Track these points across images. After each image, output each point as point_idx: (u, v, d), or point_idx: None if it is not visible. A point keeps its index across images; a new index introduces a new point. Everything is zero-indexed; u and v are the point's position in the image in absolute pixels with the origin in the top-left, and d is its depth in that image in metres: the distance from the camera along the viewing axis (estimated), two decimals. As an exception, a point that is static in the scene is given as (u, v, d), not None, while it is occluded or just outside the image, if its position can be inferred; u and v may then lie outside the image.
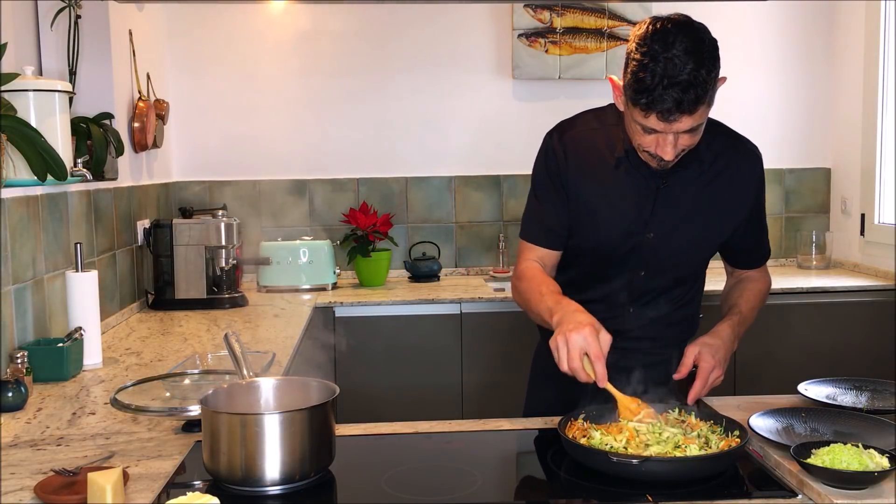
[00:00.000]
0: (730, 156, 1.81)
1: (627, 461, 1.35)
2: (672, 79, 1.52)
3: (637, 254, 1.80)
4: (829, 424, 1.57)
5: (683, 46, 1.54)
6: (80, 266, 2.23)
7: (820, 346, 3.41)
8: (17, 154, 1.93)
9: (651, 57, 1.54)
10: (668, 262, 1.82)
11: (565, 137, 1.83)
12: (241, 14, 3.83)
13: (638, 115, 1.60)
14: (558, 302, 1.68)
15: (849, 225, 3.95)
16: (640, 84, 1.55)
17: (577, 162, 1.80)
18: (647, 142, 1.65)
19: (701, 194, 1.78)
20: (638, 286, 1.84)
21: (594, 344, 1.55)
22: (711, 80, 1.56)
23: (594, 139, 1.80)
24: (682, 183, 1.77)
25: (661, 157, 1.65)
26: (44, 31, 2.50)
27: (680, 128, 1.58)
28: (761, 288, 1.93)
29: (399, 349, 3.38)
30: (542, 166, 1.85)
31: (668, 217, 1.78)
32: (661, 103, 1.54)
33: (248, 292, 3.45)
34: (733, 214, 1.83)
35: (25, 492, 1.35)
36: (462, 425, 1.75)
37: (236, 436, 1.34)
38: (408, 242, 3.96)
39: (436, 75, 3.92)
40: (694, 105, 1.54)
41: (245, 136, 3.90)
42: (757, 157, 1.87)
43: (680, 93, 1.52)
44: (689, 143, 1.65)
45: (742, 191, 1.83)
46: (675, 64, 1.52)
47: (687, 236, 1.80)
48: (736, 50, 4.01)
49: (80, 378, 2.11)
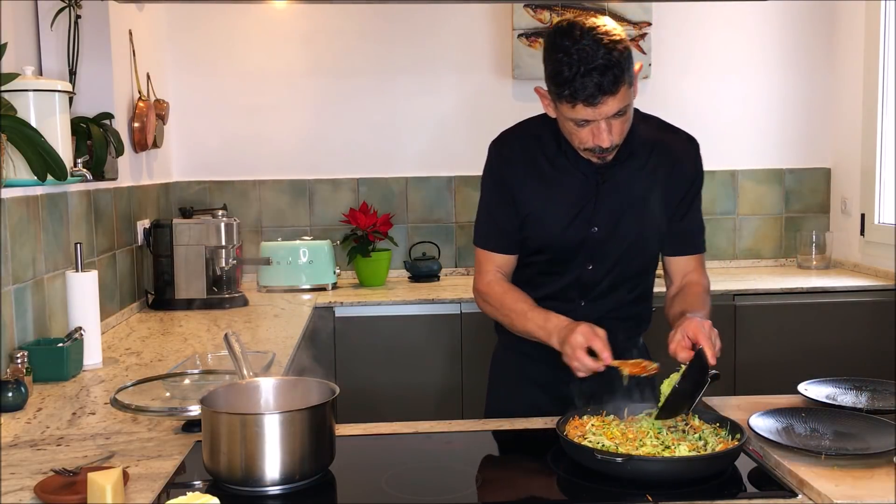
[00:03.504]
0: (665, 147, 1.88)
1: (611, 459, 1.36)
2: (588, 65, 1.62)
3: (584, 249, 1.87)
4: (829, 424, 1.57)
5: (591, 36, 1.64)
6: (80, 266, 2.23)
7: (820, 346, 3.41)
8: (17, 154, 1.93)
9: (564, 52, 1.65)
10: (613, 254, 1.88)
11: (507, 145, 1.92)
12: (242, 14, 3.83)
13: (566, 109, 1.69)
14: (547, 319, 1.78)
15: (849, 225, 3.95)
16: (559, 78, 1.66)
17: (521, 167, 1.88)
18: (583, 136, 1.73)
19: (641, 186, 1.85)
20: (587, 281, 1.90)
21: (589, 333, 1.67)
22: (625, 60, 1.65)
23: (535, 144, 1.89)
24: (621, 177, 1.84)
25: (599, 147, 1.72)
26: (44, 31, 2.50)
27: (607, 111, 1.67)
28: (703, 291, 1.93)
29: (399, 349, 3.37)
30: (489, 175, 1.94)
31: (611, 211, 1.85)
32: (583, 90, 1.64)
33: (248, 292, 3.45)
34: (672, 202, 1.89)
35: (25, 492, 1.35)
36: (462, 425, 1.75)
37: (236, 436, 1.34)
38: (408, 242, 3.96)
39: (436, 75, 3.92)
40: (614, 85, 1.63)
41: (245, 136, 3.90)
42: (693, 147, 1.93)
43: (598, 76, 1.62)
44: (621, 129, 1.73)
45: (680, 179, 1.89)
46: (587, 52, 1.63)
47: (630, 228, 1.86)
48: (736, 50, 4.01)
49: (80, 378, 2.11)
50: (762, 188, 4.06)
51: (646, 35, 3.89)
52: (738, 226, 4.07)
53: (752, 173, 4.05)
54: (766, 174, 4.07)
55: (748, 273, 3.87)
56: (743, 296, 3.44)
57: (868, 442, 1.47)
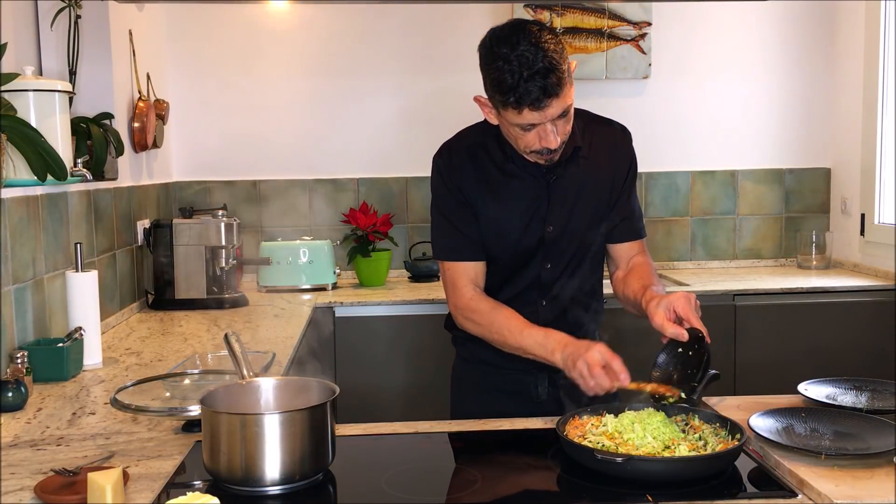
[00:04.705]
0: (601, 138, 1.92)
1: (611, 459, 1.36)
2: (530, 69, 1.63)
3: (541, 248, 1.89)
4: (829, 424, 1.57)
5: (527, 41, 1.65)
6: (80, 266, 2.23)
7: (820, 346, 3.41)
8: (17, 154, 1.93)
9: (504, 59, 1.65)
10: (569, 249, 1.91)
11: (455, 154, 1.92)
12: (241, 14, 3.83)
13: (512, 115, 1.70)
14: (547, 336, 1.77)
15: (849, 225, 3.95)
16: (503, 85, 1.66)
17: (470, 177, 1.89)
18: (530, 140, 1.74)
19: (586, 179, 1.89)
20: (546, 280, 1.92)
21: (608, 353, 1.65)
22: (564, 62, 1.67)
23: (481, 152, 1.90)
24: (569, 173, 1.87)
25: (547, 149, 1.75)
26: (44, 31, 2.50)
27: (553, 113, 1.69)
28: (653, 269, 1.96)
29: (399, 349, 3.37)
30: (441, 185, 1.93)
31: (563, 207, 1.88)
32: (528, 95, 1.65)
33: (248, 292, 3.45)
34: (614, 190, 1.92)
35: (25, 492, 1.35)
36: (462, 425, 1.75)
37: (236, 436, 1.34)
38: (408, 242, 3.96)
39: (436, 75, 3.91)
40: (558, 87, 1.66)
41: (245, 136, 3.89)
42: (627, 136, 1.97)
43: (542, 80, 1.64)
44: (566, 130, 1.76)
45: (618, 168, 1.93)
46: (526, 57, 1.64)
47: (582, 221, 1.89)
48: (736, 50, 4.01)
49: (80, 378, 2.11)
50: (762, 188, 4.06)
51: (646, 35, 3.89)
52: (738, 226, 4.07)
53: (752, 173, 4.05)
54: (766, 174, 4.07)
55: (748, 273, 3.87)
56: (743, 296, 3.44)
57: (868, 442, 1.47)
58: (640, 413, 1.57)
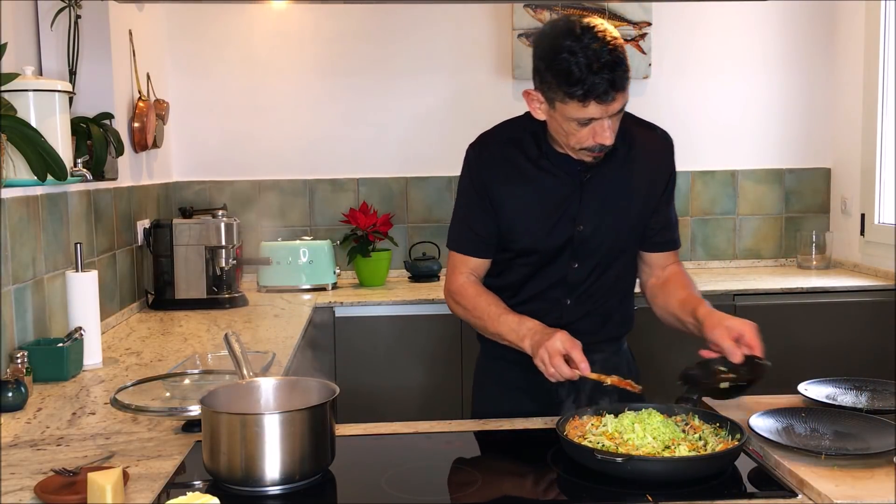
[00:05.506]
0: (643, 142, 1.89)
1: (611, 459, 1.36)
2: (598, 62, 1.62)
3: (570, 247, 1.88)
4: (829, 424, 1.57)
5: (590, 34, 1.63)
6: (80, 266, 2.23)
7: (820, 346, 3.41)
8: (17, 154, 1.93)
9: (569, 51, 1.63)
10: (598, 251, 1.89)
11: (486, 149, 1.92)
12: (242, 14, 3.83)
13: (574, 109, 1.67)
14: (521, 323, 1.79)
15: (849, 225, 3.95)
16: (570, 77, 1.63)
17: (500, 171, 1.88)
18: (583, 136, 1.72)
19: (621, 181, 1.86)
20: (573, 279, 1.90)
21: (568, 342, 1.68)
22: (626, 57, 1.67)
23: (514, 147, 1.89)
24: (603, 173, 1.85)
25: (601, 145, 1.72)
26: (44, 31, 2.50)
27: (615, 108, 1.68)
28: (690, 279, 1.97)
29: (399, 349, 3.37)
30: (467, 179, 1.94)
31: (595, 208, 1.86)
32: (596, 87, 1.63)
33: (248, 292, 3.45)
34: (651, 196, 1.90)
35: (25, 492, 1.35)
36: (462, 425, 1.75)
37: (236, 436, 1.34)
38: (408, 242, 3.96)
39: (436, 75, 3.92)
40: (624, 81, 1.65)
41: (245, 136, 3.90)
42: (669, 143, 1.95)
43: (610, 72, 1.62)
44: (616, 127, 1.75)
45: (658, 173, 1.91)
46: (593, 50, 1.62)
47: (614, 223, 1.88)
48: (736, 50, 4.01)
49: (80, 378, 2.11)
50: (762, 188, 4.06)
51: (646, 35, 3.89)
52: (738, 226, 4.07)
53: (752, 173, 4.05)
54: (766, 174, 4.07)
55: (748, 273, 3.87)
56: (743, 296, 3.44)
57: (868, 442, 1.47)
58: (641, 413, 1.56)
